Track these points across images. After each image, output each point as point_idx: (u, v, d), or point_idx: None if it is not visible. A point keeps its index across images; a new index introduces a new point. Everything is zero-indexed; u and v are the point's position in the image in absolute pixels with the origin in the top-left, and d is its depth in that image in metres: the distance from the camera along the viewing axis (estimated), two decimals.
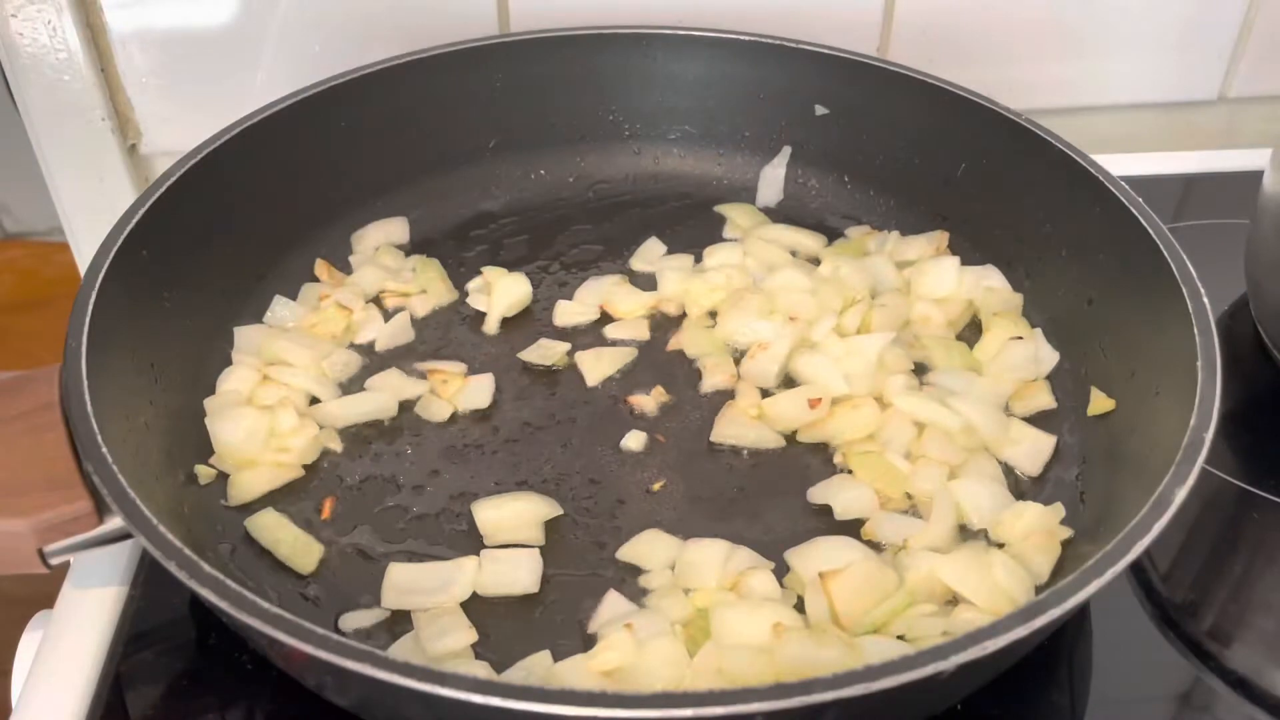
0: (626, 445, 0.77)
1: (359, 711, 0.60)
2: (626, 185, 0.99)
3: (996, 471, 0.75)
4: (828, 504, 0.73)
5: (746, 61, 0.95)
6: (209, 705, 0.64)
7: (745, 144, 0.98)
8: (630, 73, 0.96)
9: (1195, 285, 0.70)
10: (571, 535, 0.72)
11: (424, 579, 0.68)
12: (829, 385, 0.79)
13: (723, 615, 0.64)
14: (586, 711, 0.48)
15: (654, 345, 0.85)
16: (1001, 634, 0.52)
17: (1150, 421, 0.70)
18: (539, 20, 0.99)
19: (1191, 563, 0.73)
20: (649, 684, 0.61)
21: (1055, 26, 1.07)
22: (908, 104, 0.91)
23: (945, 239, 0.91)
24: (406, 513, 0.73)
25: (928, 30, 1.07)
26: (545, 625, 0.67)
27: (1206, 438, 0.62)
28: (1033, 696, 0.65)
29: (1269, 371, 0.86)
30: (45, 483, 0.60)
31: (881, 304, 0.85)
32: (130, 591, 0.69)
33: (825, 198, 0.97)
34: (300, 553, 0.69)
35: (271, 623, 0.52)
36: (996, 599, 0.64)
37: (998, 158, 0.88)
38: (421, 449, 0.77)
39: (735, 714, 0.48)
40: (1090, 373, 0.80)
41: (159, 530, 0.56)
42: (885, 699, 0.50)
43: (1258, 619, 0.70)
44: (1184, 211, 1.02)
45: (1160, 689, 0.67)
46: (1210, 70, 1.13)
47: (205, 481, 0.73)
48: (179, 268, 0.77)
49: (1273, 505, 0.76)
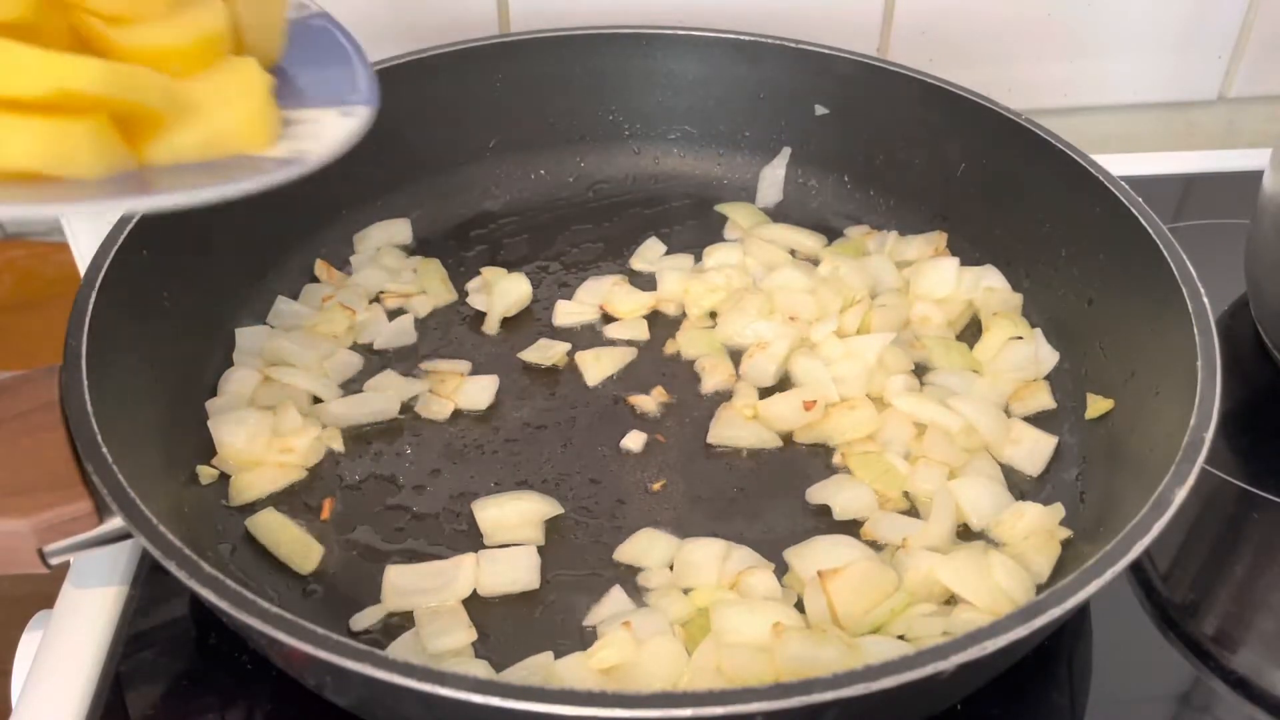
0: (626, 445, 0.77)
1: (359, 711, 0.60)
2: (626, 185, 0.99)
3: (996, 472, 0.75)
4: (827, 504, 0.73)
5: (746, 61, 0.95)
6: (209, 705, 0.64)
7: (745, 144, 0.99)
8: (630, 73, 0.96)
9: (1195, 285, 0.70)
10: (571, 535, 0.72)
11: (424, 578, 0.68)
12: (823, 388, 0.79)
13: (723, 614, 0.64)
14: (586, 711, 0.48)
15: (654, 345, 0.85)
16: (1001, 634, 0.52)
17: (1150, 421, 0.70)
18: (539, 20, 0.99)
19: (1191, 563, 0.73)
20: (647, 683, 0.62)
21: (1055, 26, 1.07)
22: (908, 104, 0.91)
23: (944, 239, 0.91)
24: (406, 512, 0.73)
25: (928, 30, 1.07)
26: (545, 624, 0.67)
27: (1206, 438, 0.62)
28: (1032, 697, 0.65)
29: (1269, 371, 0.86)
30: (45, 483, 0.60)
31: (881, 304, 0.85)
32: (130, 591, 0.70)
33: (825, 198, 0.97)
34: (300, 553, 0.69)
35: (271, 623, 0.52)
36: (996, 599, 0.64)
37: (998, 158, 0.88)
38: (422, 449, 0.77)
39: (735, 714, 0.48)
40: (1090, 373, 0.80)
41: (159, 530, 0.56)
42: (885, 699, 0.50)
43: (1258, 619, 0.70)
44: (1184, 211, 1.02)
45: (1160, 689, 0.67)
46: (1210, 70, 1.13)
47: (206, 482, 0.73)
48: (179, 268, 0.77)
49: (1273, 505, 0.76)
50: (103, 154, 0.52)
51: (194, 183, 0.53)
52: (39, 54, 0.49)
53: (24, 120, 0.50)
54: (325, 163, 0.57)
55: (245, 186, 0.54)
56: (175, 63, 0.56)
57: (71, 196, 0.51)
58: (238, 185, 0.53)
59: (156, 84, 0.53)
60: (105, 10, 0.54)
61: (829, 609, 0.64)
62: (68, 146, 0.51)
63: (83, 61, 0.50)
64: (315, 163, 0.57)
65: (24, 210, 0.50)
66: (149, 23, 0.55)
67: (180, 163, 0.55)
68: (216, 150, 0.56)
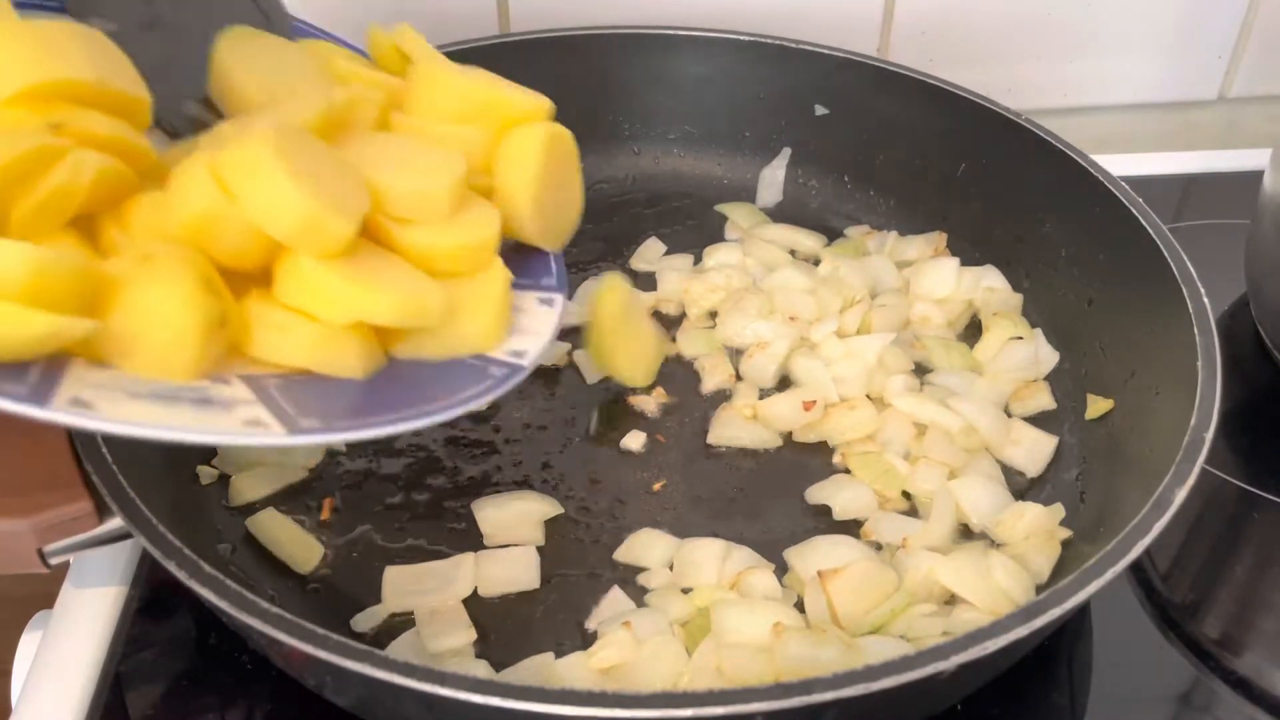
0: (626, 445, 0.77)
1: (359, 711, 0.60)
2: (626, 185, 0.99)
3: (996, 472, 0.75)
4: (827, 504, 0.73)
5: (746, 61, 0.95)
6: (209, 705, 0.64)
7: (745, 144, 0.98)
8: (630, 73, 0.96)
9: (1195, 285, 0.71)
10: (571, 535, 0.72)
11: (424, 578, 0.68)
12: (823, 389, 0.79)
13: (723, 614, 0.64)
14: (586, 711, 0.48)
15: None
16: (1002, 634, 0.52)
17: (1150, 421, 0.70)
18: (539, 20, 0.99)
19: (1192, 563, 0.73)
20: (647, 683, 0.61)
21: (1055, 26, 1.07)
22: (908, 104, 0.91)
23: (944, 239, 0.91)
24: (406, 512, 0.73)
25: (928, 30, 1.07)
26: (545, 624, 0.67)
27: (1207, 438, 0.62)
28: (1033, 697, 0.65)
29: (1269, 371, 0.86)
30: (45, 482, 0.60)
31: (881, 304, 0.85)
32: (130, 591, 0.69)
33: (825, 198, 0.97)
34: (300, 553, 0.69)
35: (271, 623, 0.52)
36: (996, 599, 0.64)
37: (998, 158, 0.88)
38: (422, 449, 0.77)
39: (735, 714, 0.48)
40: (1090, 373, 0.80)
41: (159, 530, 0.56)
42: (885, 699, 0.50)
43: (1258, 619, 0.70)
44: (1184, 211, 1.02)
45: (1160, 689, 0.67)
46: (1210, 70, 1.13)
47: (207, 482, 0.73)
48: None
49: (1273, 505, 0.76)
50: (366, 359, 0.58)
51: (430, 397, 0.58)
52: (346, 286, 0.55)
53: (307, 323, 0.56)
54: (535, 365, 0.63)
55: (472, 407, 0.59)
56: (446, 264, 0.61)
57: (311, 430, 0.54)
58: (465, 406, 0.59)
59: (433, 312, 0.59)
60: (396, 214, 0.59)
61: (829, 609, 0.64)
62: (340, 352, 0.57)
63: (381, 296, 0.56)
64: (529, 368, 0.63)
65: (249, 443, 0.53)
66: (432, 226, 0.60)
67: (420, 357, 0.61)
68: (456, 351, 0.62)
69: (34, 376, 0.50)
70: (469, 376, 0.60)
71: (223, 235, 0.54)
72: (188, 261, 0.53)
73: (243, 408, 0.53)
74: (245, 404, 0.53)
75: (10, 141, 0.51)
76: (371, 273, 0.57)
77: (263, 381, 0.56)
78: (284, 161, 0.53)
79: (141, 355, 0.52)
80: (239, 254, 0.55)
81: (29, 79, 0.53)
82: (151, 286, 0.52)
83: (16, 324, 0.48)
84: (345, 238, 0.55)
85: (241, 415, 0.52)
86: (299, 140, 0.55)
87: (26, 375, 0.50)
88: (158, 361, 0.52)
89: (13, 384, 0.49)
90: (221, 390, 0.54)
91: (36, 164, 0.52)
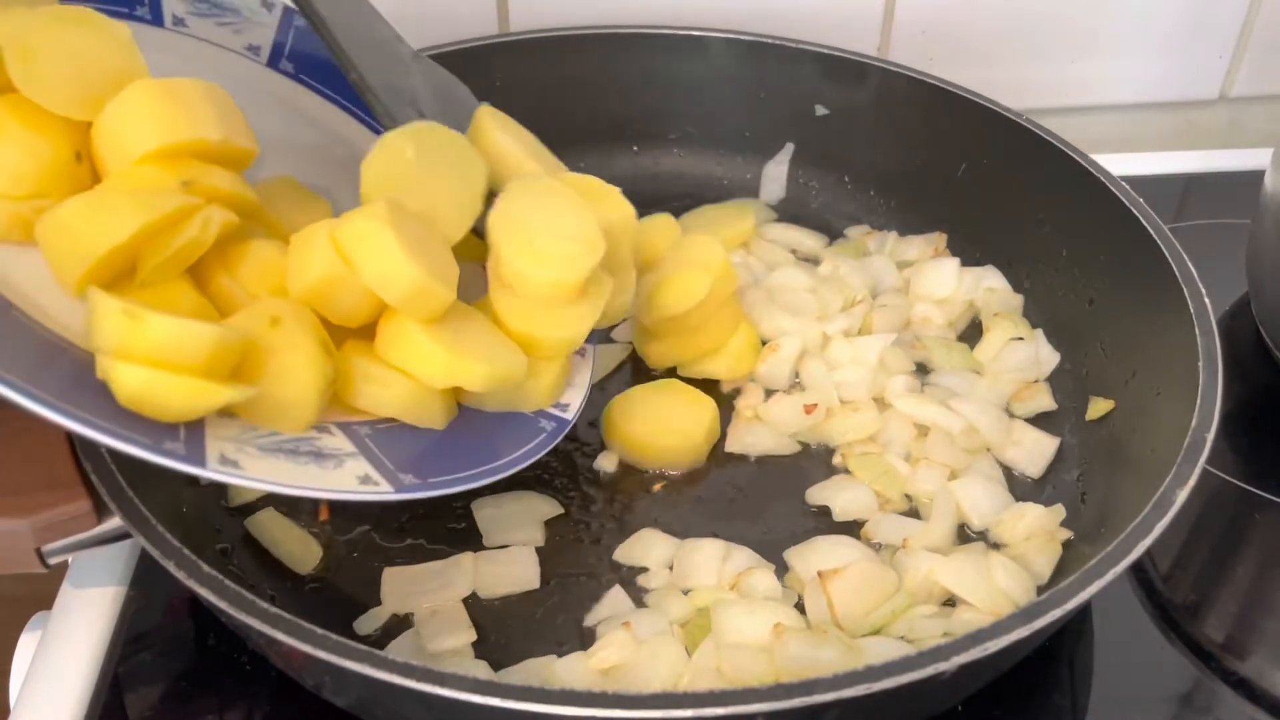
0: None
1: (358, 711, 0.60)
2: (626, 185, 0.99)
3: (997, 472, 0.75)
4: (827, 505, 0.73)
5: (746, 61, 0.95)
6: (208, 705, 0.64)
7: (746, 144, 0.98)
8: (630, 73, 0.96)
9: (1196, 285, 0.70)
10: (571, 535, 0.72)
11: (424, 578, 0.68)
12: (825, 391, 0.79)
13: (723, 615, 0.64)
14: (586, 711, 0.48)
15: None
16: (1002, 635, 0.52)
17: (1151, 422, 0.70)
18: (539, 20, 0.99)
19: (1193, 563, 0.73)
20: (647, 683, 0.61)
21: (1055, 26, 1.07)
22: (908, 104, 0.91)
23: (944, 239, 0.91)
24: (406, 512, 0.72)
25: (928, 30, 1.06)
26: (545, 624, 0.67)
27: (1208, 438, 0.61)
28: (1034, 697, 0.65)
29: (1270, 372, 0.86)
30: (44, 482, 0.60)
31: (882, 304, 0.85)
32: (129, 591, 0.69)
33: (825, 198, 0.97)
34: (300, 553, 0.69)
35: (271, 623, 0.52)
36: (996, 600, 0.64)
37: (998, 158, 0.88)
38: None
39: (736, 714, 0.48)
40: (1091, 373, 0.80)
41: (158, 530, 0.56)
42: (886, 699, 0.50)
43: (1259, 619, 0.70)
44: (1184, 211, 1.02)
45: (1161, 690, 0.67)
46: (1211, 70, 1.13)
47: (206, 482, 0.73)
48: None
49: (1274, 506, 0.76)
50: (448, 413, 0.65)
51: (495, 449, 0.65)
52: (447, 355, 0.61)
53: (405, 380, 0.62)
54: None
55: (531, 460, 0.66)
56: (544, 351, 0.67)
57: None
58: (527, 461, 0.66)
59: (518, 380, 0.65)
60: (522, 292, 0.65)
61: (829, 609, 0.64)
62: (429, 407, 0.64)
63: (477, 367, 0.62)
64: (574, 421, 0.70)
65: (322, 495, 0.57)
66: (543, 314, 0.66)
67: (480, 407, 0.67)
68: (517, 406, 0.69)
69: (183, 433, 0.54)
70: (524, 426, 0.68)
71: (338, 298, 0.60)
72: (310, 325, 0.59)
73: (350, 462, 0.58)
74: (350, 457, 0.59)
75: (153, 201, 0.55)
76: (468, 341, 0.63)
77: (357, 430, 0.61)
78: (396, 233, 0.58)
79: (267, 410, 0.57)
80: (349, 315, 0.61)
81: (165, 139, 0.57)
82: (286, 353, 0.57)
83: (202, 396, 0.53)
84: (447, 304, 0.61)
85: (352, 471, 0.58)
86: (405, 215, 0.61)
87: (178, 432, 0.54)
88: (282, 417, 0.58)
89: (171, 442, 0.53)
90: (327, 441, 0.59)
91: (174, 221, 0.56)
